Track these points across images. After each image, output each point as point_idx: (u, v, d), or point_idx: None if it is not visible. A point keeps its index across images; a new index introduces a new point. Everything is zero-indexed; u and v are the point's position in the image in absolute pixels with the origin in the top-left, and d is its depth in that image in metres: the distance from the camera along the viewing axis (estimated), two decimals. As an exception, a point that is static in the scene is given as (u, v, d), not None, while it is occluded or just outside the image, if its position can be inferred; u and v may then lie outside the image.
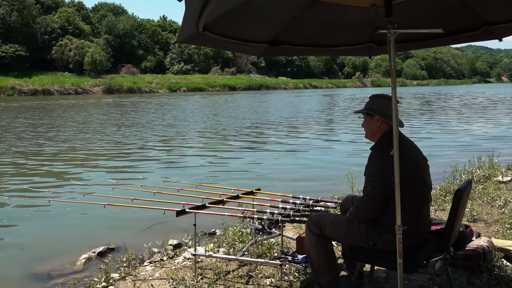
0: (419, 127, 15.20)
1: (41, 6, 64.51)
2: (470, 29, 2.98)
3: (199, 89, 57.07)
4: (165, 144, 11.95)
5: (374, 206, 2.38)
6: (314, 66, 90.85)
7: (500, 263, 3.20)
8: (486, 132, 14.09)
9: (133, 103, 31.52)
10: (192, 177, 7.49)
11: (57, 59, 58.89)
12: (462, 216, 2.75)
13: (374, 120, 2.50)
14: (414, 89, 70.68)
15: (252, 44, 3.14)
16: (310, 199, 3.51)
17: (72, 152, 10.60)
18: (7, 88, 44.37)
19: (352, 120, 17.66)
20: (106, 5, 79.20)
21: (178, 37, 2.72)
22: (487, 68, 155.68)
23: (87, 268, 4.05)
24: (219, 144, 12.13)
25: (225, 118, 19.50)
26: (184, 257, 3.77)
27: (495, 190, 5.30)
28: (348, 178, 5.64)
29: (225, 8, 2.41)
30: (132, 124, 17.02)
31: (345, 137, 13.12)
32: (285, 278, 3.15)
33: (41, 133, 14.31)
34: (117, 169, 8.71)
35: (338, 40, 3.34)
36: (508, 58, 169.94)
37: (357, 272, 2.63)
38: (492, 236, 3.83)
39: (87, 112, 23.71)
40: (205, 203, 3.42)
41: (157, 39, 75.85)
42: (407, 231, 2.21)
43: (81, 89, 49.46)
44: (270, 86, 66.48)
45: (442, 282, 2.91)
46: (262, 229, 3.26)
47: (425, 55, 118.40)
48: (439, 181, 5.87)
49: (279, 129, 15.52)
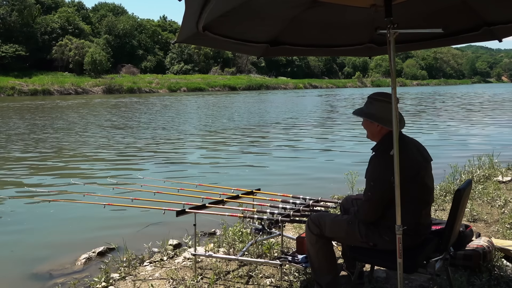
0: (419, 127, 15.20)
1: (41, 6, 64.52)
2: (470, 30, 2.98)
3: (199, 89, 57.09)
4: (165, 144, 11.94)
5: (374, 210, 2.39)
6: (314, 66, 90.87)
7: (500, 263, 3.20)
8: (486, 132, 14.08)
9: (133, 103, 31.52)
10: (192, 177, 7.49)
11: (57, 59, 58.92)
12: (462, 216, 2.75)
13: (374, 125, 2.50)
14: (414, 89, 70.67)
15: (252, 44, 3.14)
16: (310, 199, 3.51)
17: (72, 152, 10.61)
18: (7, 88, 44.37)
19: (352, 120, 17.65)
20: (106, 5, 79.22)
21: (178, 37, 2.72)
22: (487, 68, 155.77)
23: (87, 268, 4.05)
24: (219, 144, 12.13)
25: (225, 118, 19.50)
26: (184, 257, 3.77)
27: (495, 190, 5.30)
28: (348, 178, 5.64)
29: (225, 8, 2.41)
30: (132, 124, 17.02)
31: (345, 137, 13.12)
32: (285, 278, 3.15)
33: (41, 133, 14.31)
34: (117, 169, 8.71)
35: (338, 40, 3.34)
36: (508, 58, 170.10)
37: (357, 272, 2.63)
38: (492, 236, 3.83)
39: (87, 112, 23.71)
40: (205, 203, 3.41)
41: (157, 39, 75.91)
42: (407, 232, 2.21)
43: (81, 89, 49.46)
44: (270, 86, 66.49)
45: (442, 282, 2.91)
46: (262, 229, 3.26)
47: (425, 55, 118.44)
48: (439, 181, 5.86)
49: (279, 129, 15.53)
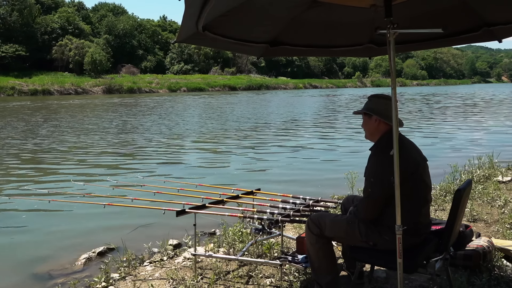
0: (419, 127, 15.20)
1: (41, 6, 64.52)
2: (470, 30, 2.97)
3: (199, 89, 57.07)
4: (165, 144, 11.94)
5: (374, 207, 2.39)
6: (314, 66, 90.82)
7: (500, 263, 3.20)
8: (486, 132, 14.08)
9: (133, 103, 31.50)
10: (192, 177, 7.50)
11: (57, 59, 58.92)
12: (462, 216, 2.75)
13: (372, 120, 2.50)
14: (414, 89, 70.67)
15: (252, 44, 3.14)
16: (310, 199, 3.51)
17: (72, 152, 10.60)
18: (7, 88, 44.35)
19: (352, 120, 17.65)
20: (106, 5, 79.22)
21: (178, 37, 2.72)
22: (487, 68, 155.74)
23: (87, 268, 4.05)
24: (219, 144, 12.13)
25: (225, 118, 19.49)
26: (184, 257, 3.77)
27: (495, 190, 5.30)
28: (348, 178, 5.64)
29: (225, 8, 2.41)
30: (132, 124, 17.02)
31: (345, 137, 13.12)
32: (285, 278, 3.15)
33: (40, 133, 14.31)
34: (117, 169, 8.71)
35: (338, 40, 3.34)
36: (508, 58, 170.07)
37: (357, 272, 2.63)
38: (492, 236, 3.83)
39: (87, 112, 23.72)
40: (205, 203, 3.41)
41: (157, 39, 75.90)
42: (407, 231, 2.21)
43: (81, 89, 49.44)
44: (270, 86, 66.48)
45: (442, 282, 2.91)
46: (262, 229, 3.26)
47: (425, 55, 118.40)
48: (439, 181, 5.86)
49: (279, 129, 15.52)
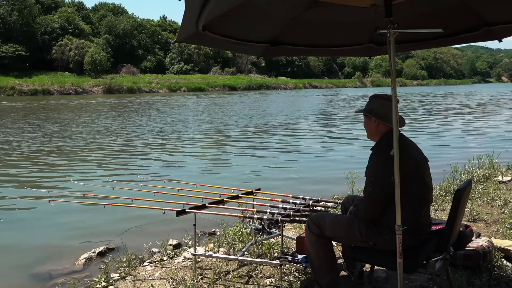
0: (419, 127, 15.20)
1: (41, 6, 64.50)
2: (470, 30, 2.98)
3: (199, 89, 57.07)
4: (165, 144, 11.94)
5: (375, 206, 2.39)
6: (314, 66, 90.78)
7: (500, 263, 3.20)
8: (486, 132, 14.07)
9: (133, 103, 31.51)
10: (192, 177, 7.49)
11: (57, 59, 58.91)
12: (462, 216, 2.75)
13: (372, 121, 2.51)
14: (414, 89, 70.66)
15: (252, 44, 3.14)
16: (310, 199, 3.51)
17: (72, 152, 10.60)
18: (7, 88, 44.34)
19: (352, 120, 17.65)
20: (106, 5, 79.21)
21: (178, 36, 2.72)
22: (487, 68, 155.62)
23: (87, 268, 4.05)
24: (219, 144, 12.13)
25: (225, 118, 19.49)
26: (184, 257, 3.77)
27: (495, 190, 5.30)
28: (348, 178, 5.64)
29: (225, 8, 2.41)
30: (132, 124, 17.02)
31: (345, 137, 13.12)
32: (285, 278, 3.15)
33: (40, 133, 14.31)
34: (117, 169, 8.71)
35: (338, 40, 3.34)
36: (508, 58, 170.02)
37: (357, 272, 2.63)
38: (492, 236, 3.83)
39: (87, 112, 23.71)
40: (205, 203, 3.41)
41: (157, 39, 75.86)
42: (407, 231, 2.21)
43: (81, 89, 49.44)
44: (270, 86, 66.47)
45: (442, 282, 2.91)
46: (262, 229, 3.26)
47: (425, 55, 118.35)
48: (439, 181, 5.86)
49: (279, 129, 15.52)
